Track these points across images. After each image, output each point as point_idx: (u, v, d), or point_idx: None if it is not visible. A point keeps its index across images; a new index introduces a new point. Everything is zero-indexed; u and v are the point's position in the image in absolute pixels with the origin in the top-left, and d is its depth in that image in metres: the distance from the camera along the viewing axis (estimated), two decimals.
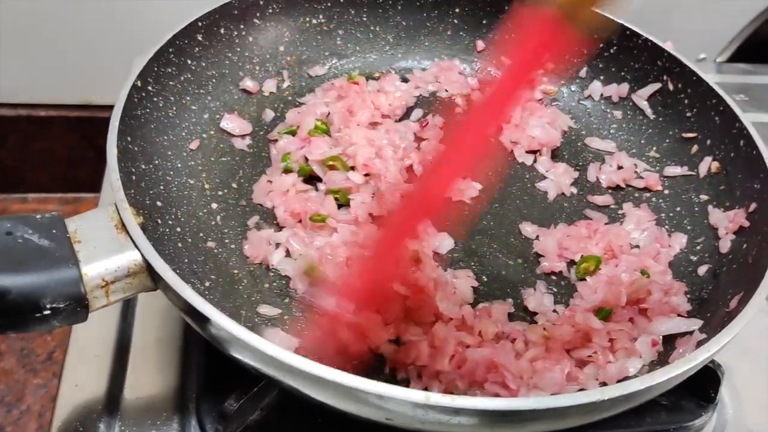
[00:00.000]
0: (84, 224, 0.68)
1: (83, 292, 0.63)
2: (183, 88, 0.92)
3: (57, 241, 0.65)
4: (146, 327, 0.83)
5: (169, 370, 0.78)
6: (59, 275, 0.63)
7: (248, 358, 0.61)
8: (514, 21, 0.68)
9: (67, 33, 1.36)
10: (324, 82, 1.06)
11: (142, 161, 0.81)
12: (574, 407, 0.58)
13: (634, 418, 0.77)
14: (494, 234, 0.89)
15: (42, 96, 1.46)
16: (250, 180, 0.91)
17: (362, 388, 0.56)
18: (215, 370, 0.76)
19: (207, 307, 0.61)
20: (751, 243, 0.80)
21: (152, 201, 0.79)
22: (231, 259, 0.82)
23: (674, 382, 0.64)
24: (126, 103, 0.79)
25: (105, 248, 0.66)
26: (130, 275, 0.66)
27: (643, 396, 0.63)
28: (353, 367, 0.61)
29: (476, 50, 1.13)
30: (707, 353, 0.63)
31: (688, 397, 0.80)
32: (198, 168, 0.89)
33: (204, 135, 0.93)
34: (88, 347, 0.80)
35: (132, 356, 0.80)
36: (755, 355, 0.88)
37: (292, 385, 0.61)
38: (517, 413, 0.57)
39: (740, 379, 0.85)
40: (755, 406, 0.83)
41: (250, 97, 1.01)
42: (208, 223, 0.84)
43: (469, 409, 0.56)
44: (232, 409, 0.69)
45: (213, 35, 0.97)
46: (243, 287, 0.79)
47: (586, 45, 0.77)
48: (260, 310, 0.77)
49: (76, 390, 0.77)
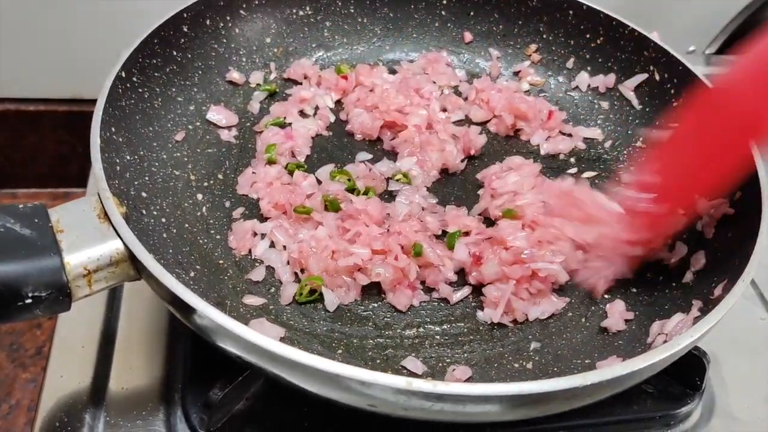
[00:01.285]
0: (67, 214, 0.68)
1: (65, 281, 0.63)
2: (168, 80, 0.92)
3: (39, 230, 0.65)
4: (132, 318, 0.83)
5: (155, 361, 0.78)
6: (41, 264, 0.62)
7: (232, 347, 0.61)
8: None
9: (55, 27, 1.35)
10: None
11: (126, 152, 0.81)
12: (556, 392, 0.58)
13: (620, 405, 0.78)
14: None
15: (30, 90, 1.45)
16: (235, 171, 0.91)
17: (344, 374, 0.56)
18: (200, 361, 0.77)
19: (190, 296, 0.61)
20: (735, 231, 0.80)
21: (137, 192, 0.79)
22: (216, 249, 0.82)
23: (657, 367, 0.64)
24: (110, 94, 0.79)
25: (87, 237, 0.66)
26: (112, 264, 0.66)
27: (626, 381, 0.63)
28: None
29: (464, 42, 1.12)
30: (689, 339, 0.63)
31: (674, 384, 0.80)
32: (184, 159, 0.89)
33: (190, 126, 0.93)
34: (73, 338, 0.80)
35: (117, 347, 0.80)
36: (741, 343, 0.88)
37: (276, 373, 0.61)
38: (498, 398, 0.57)
39: (726, 367, 0.85)
40: (741, 393, 0.84)
41: (236, 89, 1.01)
42: (193, 214, 0.84)
43: (451, 395, 0.56)
44: (216, 399, 0.69)
45: (199, 26, 0.96)
46: (228, 277, 0.79)
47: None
48: (245, 300, 0.77)
49: (61, 381, 0.76)
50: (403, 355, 0.74)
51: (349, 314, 0.78)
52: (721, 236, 0.82)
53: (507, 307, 0.78)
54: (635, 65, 1.02)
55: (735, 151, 0.74)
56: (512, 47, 1.11)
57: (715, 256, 0.80)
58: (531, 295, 0.79)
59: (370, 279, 0.78)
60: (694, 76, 0.93)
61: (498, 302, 0.78)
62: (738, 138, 0.72)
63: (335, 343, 0.75)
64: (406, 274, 0.78)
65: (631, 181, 0.86)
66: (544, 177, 0.92)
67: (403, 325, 0.77)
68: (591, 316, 0.80)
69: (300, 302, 0.78)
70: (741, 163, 0.75)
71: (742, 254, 0.74)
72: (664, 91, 0.98)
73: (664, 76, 0.98)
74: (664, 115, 0.97)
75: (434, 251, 0.80)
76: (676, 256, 0.83)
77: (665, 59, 0.98)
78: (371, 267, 0.78)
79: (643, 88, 1.01)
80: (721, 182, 0.76)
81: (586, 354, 0.76)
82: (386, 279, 0.78)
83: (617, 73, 1.04)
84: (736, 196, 0.83)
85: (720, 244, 0.81)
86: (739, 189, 0.82)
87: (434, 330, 0.78)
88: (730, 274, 0.73)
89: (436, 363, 0.74)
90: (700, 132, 0.75)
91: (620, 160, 0.99)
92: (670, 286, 0.81)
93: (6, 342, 1.33)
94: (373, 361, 0.73)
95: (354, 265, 0.78)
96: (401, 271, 0.78)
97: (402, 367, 0.73)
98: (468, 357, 0.75)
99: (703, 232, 0.84)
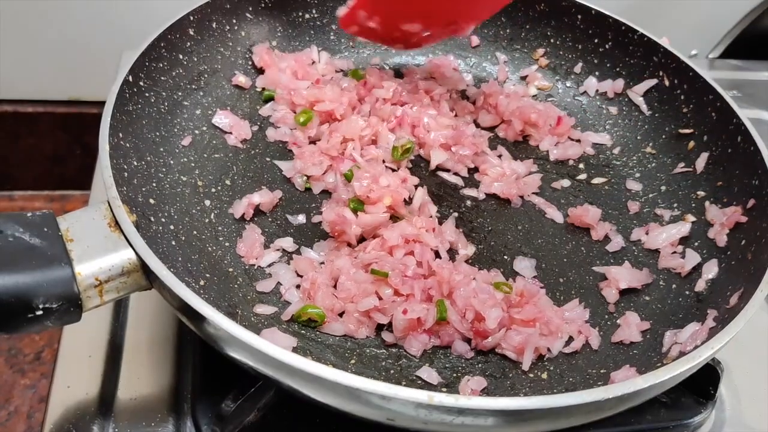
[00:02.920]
0: (76, 222, 0.67)
1: (77, 292, 0.62)
2: (175, 84, 0.91)
3: (49, 239, 0.64)
4: (139, 326, 0.81)
5: (164, 370, 0.77)
6: (52, 275, 0.61)
7: (246, 358, 0.60)
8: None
9: (53, 28, 1.34)
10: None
11: (134, 158, 0.79)
12: (578, 406, 0.57)
13: (634, 415, 0.77)
14: None
15: (28, 92, 1.44)
16: (243, 177, 0.90)
17: (364, 388, 0.55)
18: (210, 370, 0.75)
19: (203, 306, 0.59)
20: (749, 239, 0.79)
21: (145, 198, 0.78)
22: (225, 257, 0.80)
23: (677, 380, 0.63)
24: (117, 99, 0.78)
25: (98, 247, 0.65)
26: (124, 274, 0.65)
27: (646, 394, 0.62)
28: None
29: (471, 46, 1.12)
30: (710, 351, 0.63)
31: (687, 394, 0.80)
32: (191, 165, 0.88)
33: (197, 131, 0.92)
34: (80, 348, 0.79)
35: (125, 356, 0.79)
36: (753, 352, 0.88)
37: (291, 386, 0.60)
38: (520, 412, 0.56)
39: (739, 376, 0.85)
40: (754, 403, 0.83)
41: (242, 93, 1.00)
42: (201, 221, 0.83)
43: (473, 409, 0.55)
44: (229, 410, 0.69)
45: (205, 30, 0.95)
46: (238, 286, 0.78)
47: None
48: (256, 309, 0.76)
49: (69, 391, 0.75)
50: (417, 365, 0.73)
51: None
52: (734, 245, 0.81)
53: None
54: (644, 70, 1.01)
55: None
56: (519, 51, 1.11)
57: (729, 265, 0.79)
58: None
59: (388, 319, 0.76)
60: (705, 82, 0.93)
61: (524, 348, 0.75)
62: None
63: (348, 353, 0.74)
64: (422, 323, 0.75)
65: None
66: None
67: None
68: (604, 325, 0.79)
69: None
70: None
71: (757, 263, 0.74)
72: (674, 96, 0.97)
73: (674, 81, 0.98)
74: (674, 121, 0.97)
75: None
76: (689, 265, 0.83)
77: (675, 64, 0.97)
78: (389, 307, 0.76)
79: (653, 94, 1.01)
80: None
81: (601, 363, 0.75)
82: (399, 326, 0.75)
83: (626, 78, 1.03)
84: (749, 204, 0.82)
85: (733, 253, 0.81)
86: (753, 197, 0.82)
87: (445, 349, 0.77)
88: (746, 283, 0.72)
89: (450, 373, 0.73)
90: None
91: (629, 165, 0.98)
92: (683, 295, 0.80)
93: (4, 347, 1.31)
94: (387, 372, 0.72)
95: (373, 308, 0.75)
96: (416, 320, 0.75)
97: (417, 377, 0.72)
98: (482, 367, 0.74)
99: (716, 241, 0.83)
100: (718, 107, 0.91)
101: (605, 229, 0.89)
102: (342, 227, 0.81)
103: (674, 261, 0.84)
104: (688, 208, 0.90)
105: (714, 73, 1.39)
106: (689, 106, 0.95)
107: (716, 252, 0.82)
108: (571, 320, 0.78)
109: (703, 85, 0.93)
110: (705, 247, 0.84)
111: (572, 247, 0.88)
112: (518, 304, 0.77)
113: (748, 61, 1.43)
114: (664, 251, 0.86)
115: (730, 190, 0.87)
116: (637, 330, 0.77)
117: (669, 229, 0.88)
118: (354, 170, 0.86)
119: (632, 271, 0.83)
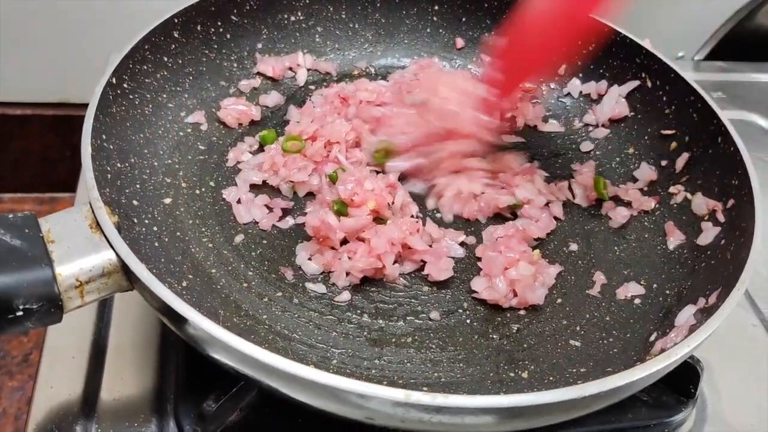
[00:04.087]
0: (58, 224, 0.67)
1: (57, 293, 0.62)
2: (159, 86, 0.91)
3: (30, 240, 0.64)
4: (123, 327, 0.82)
5: (147, 371, 0.77)
6: (32, 275, 0.62)
7: (226, 358, 0.61)
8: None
9: (43, 30, 1.34)
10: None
11: (117, 160, 0.80)
12: (554, 404, 0.58)
13: (614, 413, 0.78)
14: None
15: (17, 94, 1.44)
16: (227, 178, 0.90)
17: (342, 387, 0.56)
18: (193, 371, 0.76)
19: (184, 307, 0.60)
20: (729, 239, 0.80)
21: (128, 200, 0.78)
22: (209, 258, 0.81)
23: (654, 378, 0.64)
24: (101, 101, 0.78)
25: (79, 248, 0.65)
26: (105, 275, 0.65)
27: (622, 392, 0.63)
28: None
29: (456, 48, 1.12)
30: (686, 348, 0.64)
31: (668, 392, 0.80)
32: (175, 166, 0.88)
33: (181, 133, 0.92)
34: (63, 348, 0.79)
35: (109, 357, 0.79)
36: (735, 350, 0.88)
37: (271, 385, 0.60)
38: (497, 410, 0.57)
39: (720, 375, 0.85)
40: (735, 401, 0.84)
41: (229, 95, 1.00)
42: (185, 222, 0.83)
43: (450, 407, 0.56)
44: (210, 410, 0.69)
45: (190, 32, 0.96)
46: (221, 287, 0.78)
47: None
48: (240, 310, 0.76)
49: (52, 392, 0.75)
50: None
51: (344, 323, 0.77)
52: (714, 244, 0.82)
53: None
54: (627, 72, 1.02)
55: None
56: None
57: (709, 264, 0.80)
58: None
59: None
60: (686, 83, 0.94)
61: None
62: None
63: (330, 353, 0.74)
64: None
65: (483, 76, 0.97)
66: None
67: (398, 334, 0.77)
68: (586, 324, 0.80)
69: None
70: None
71: (735, 262, 0.74)
72: (657, 98, 0.98)
73: (656, 83, 0.98)
74: (656, 122, 0.98)
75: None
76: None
77: (657, 66, 0.98)
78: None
79: (635, 95, 1.01)
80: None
81: (581, 363, 0.75)
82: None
83: (609, 79, 1.04)
84: (728, 204, 0.83)
85: (713, 252, 0.81)
86: (732, 197, 0.83)
87: (429, 337, 0.77)
88: (725, 283, 0.73)
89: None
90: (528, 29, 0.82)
91: (612, 167, 0.99)
92: (664, 294, 0.81)
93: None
94: (368, 371, 0.73)
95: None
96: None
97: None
98: (463, 366, 0.75)
99: (697, 240, 0.84)
100: (699, 108, 0.91)
101: None
102: (326, 233, 0.81)
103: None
104: (669, 208, 0.91)
105: (700, 75, 1.41)
106: (671, 107, 0.96)
107: (697, 250, 0.83)
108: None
109: (684, 86, 0.94)
110: (686, 246, 0.85)
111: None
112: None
113: (734, 62, 1.44)
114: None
115: (710, 190, 0.87)
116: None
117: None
118: (339, 173, 0.86)
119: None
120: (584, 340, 0.78)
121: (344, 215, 0.82)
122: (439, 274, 0.81)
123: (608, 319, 0.80)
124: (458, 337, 0.77)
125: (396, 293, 0.81)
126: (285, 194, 0.90)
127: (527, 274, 0.80)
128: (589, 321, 0.80)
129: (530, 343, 0.78)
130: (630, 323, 0.79)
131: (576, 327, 0.79)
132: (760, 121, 1.29)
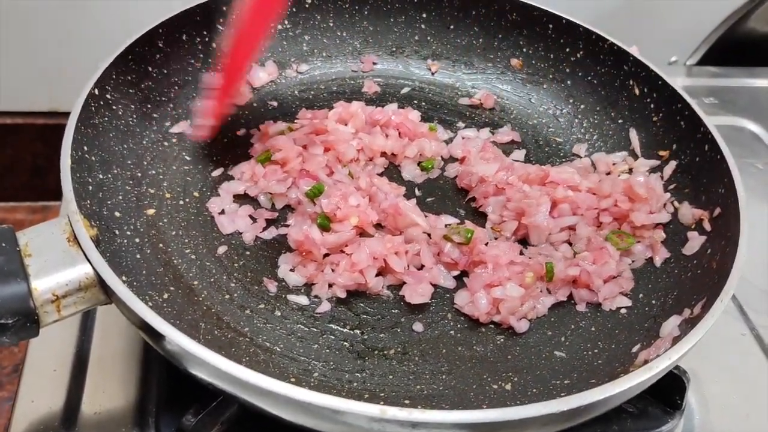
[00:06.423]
0: (37, 237, 0.67)
1: (32, 307, 0.62)
2: (144, 96, 0.91)
3: (6, 254, 0.64)
4: (105, 340, 0.81)
5: (128, 385, 0.77)
6: (7, 290, 0.61)
7: (203, 373, 0.61)
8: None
9: (32, 40, 1.34)
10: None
11: (99, 171, 0.79)
12: (534, 418, 0.57)
13: (600, 425, 0.77)
14: None
15: (7, 103, 1.43)
16: (212, 189, 0.90)
17: (317, 402, 0.55)
18: (175, 385, 0.76)
19: (160, 322, 0.60)
20: (714, 248, 0.79)
21: (110, 211, 0.78)
22: (191, 270, 0.80)
23: (636, 390, 0.63)
24: (82, 112, 0.78)
25: (56, 262, 0.65)
26: (81, 289, 0.65)
27: (604, 405, 0.62)
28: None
29: (431, 73, 1.12)
30: (668, 361, 0.63)
31: (654, 403, 0.80)
32: (159, 177, 0.88)
33: (166, 143, 0.92)
34: (45, 361, 0.79)
35: (90, 370, 0.78)
36: (724, 360, 0.88)
37: (248, 401, 0.60)
38: (474, 425, 0.56)
39: (707, 385, 0.85)
40: (722, 411, 0.83)
41: None
42: (168, 233, 0.83)
43: (427, 422, 0.56)
44: (190, 424, 0.68)
45: (175, 42, 0.95)
46: (203, 298, 0.78)
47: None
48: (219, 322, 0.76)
49: (33, 405, 0.75)
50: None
51: (326, 335, 0.77)
52: (699, 253, 0.82)
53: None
54: (615, 79, 1.01)
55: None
56: (492, 61, 1.11)
57: (695, 274, 0.80)
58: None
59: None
60: (673, 90, 0.93)
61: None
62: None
63: (311, 366, 0.73)
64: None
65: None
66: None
67: (380, 346, 0.76)
68: (571, 334, 0.79)
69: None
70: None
71: (720, 272, 0.74)
72: (644, 105, 0.97)
73: (644, 90, 0.98)
74: (643, 130, 0.97)
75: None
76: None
77: (644, 73, 0.97)
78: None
79: (623, 103, 1.00)
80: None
81: (565, 374, 0.75)
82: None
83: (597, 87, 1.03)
84: (715, 212, 0.82)
85: (699, 262, 0.81)
86: (719, 205, 0.82)
87: (412, 349, 0.77)
88: (710, 293, 0.72)
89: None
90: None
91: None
92: (650, 305, 0.81)
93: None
94: (350, 384, 0.72)
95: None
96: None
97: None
98: (446, 379, 0.74)
99: (683, 249, 0.83)
100: (686, 115, 0.91)
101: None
102: (309, 247, 0.81)
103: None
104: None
105: (692, 80, 1.41)
106: (659, 114, 0.96)
107: (683, 259, 0.83)
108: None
109: (671, 93, 0.93)
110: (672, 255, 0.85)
111: None
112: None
113: (726, 67, 1.44)
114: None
115: (697, 198, 0.87)
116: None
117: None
118: (325, 187, 0.85)
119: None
120: (569, 351, 0.77)
121: (327, 230, 0.81)
122: (413, 297, 0.79)
123: (594, 330, 0.80)
124: (441, 349, 0.77)
125: (380, 305, 0.80)
126: (264, 205, 0.89)
127: (514, 296, 0.78)
128: (574, 332, 0.80)
129: (514, 354, 0.77)
130: (616, 334, 0.79)
131: (561, 338, 0.79)
132: (752, 127, 1.28)
